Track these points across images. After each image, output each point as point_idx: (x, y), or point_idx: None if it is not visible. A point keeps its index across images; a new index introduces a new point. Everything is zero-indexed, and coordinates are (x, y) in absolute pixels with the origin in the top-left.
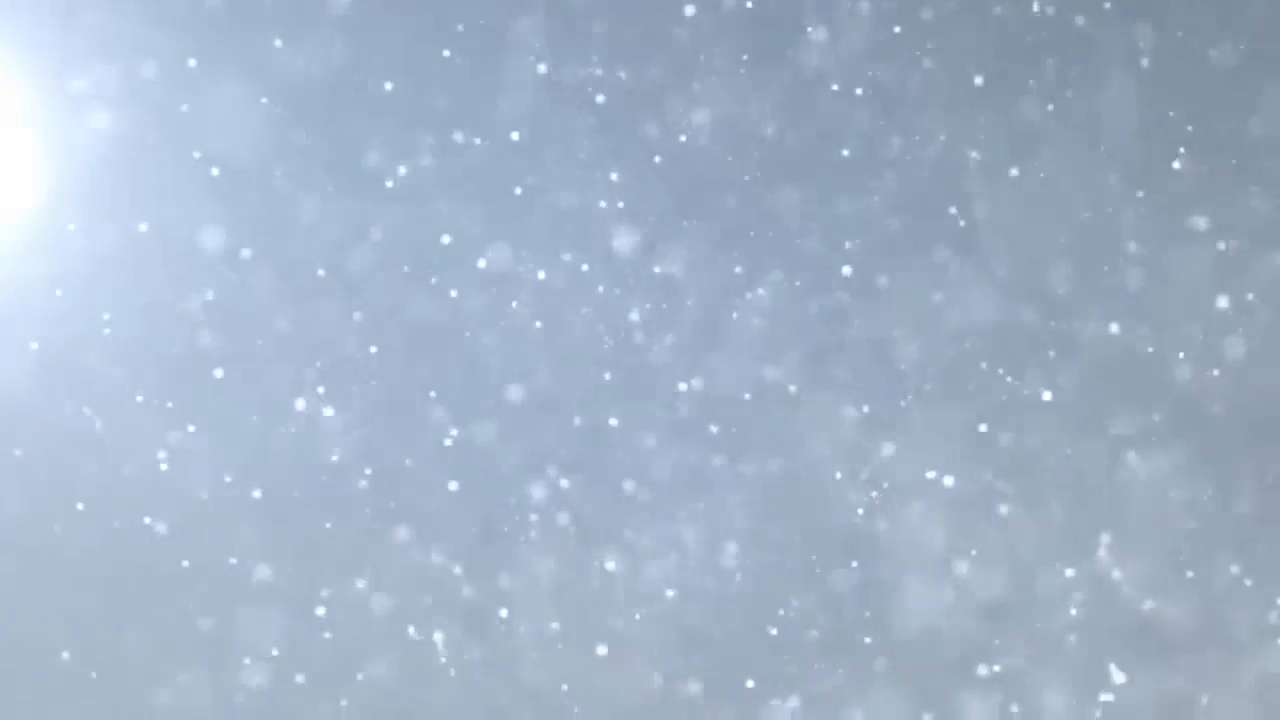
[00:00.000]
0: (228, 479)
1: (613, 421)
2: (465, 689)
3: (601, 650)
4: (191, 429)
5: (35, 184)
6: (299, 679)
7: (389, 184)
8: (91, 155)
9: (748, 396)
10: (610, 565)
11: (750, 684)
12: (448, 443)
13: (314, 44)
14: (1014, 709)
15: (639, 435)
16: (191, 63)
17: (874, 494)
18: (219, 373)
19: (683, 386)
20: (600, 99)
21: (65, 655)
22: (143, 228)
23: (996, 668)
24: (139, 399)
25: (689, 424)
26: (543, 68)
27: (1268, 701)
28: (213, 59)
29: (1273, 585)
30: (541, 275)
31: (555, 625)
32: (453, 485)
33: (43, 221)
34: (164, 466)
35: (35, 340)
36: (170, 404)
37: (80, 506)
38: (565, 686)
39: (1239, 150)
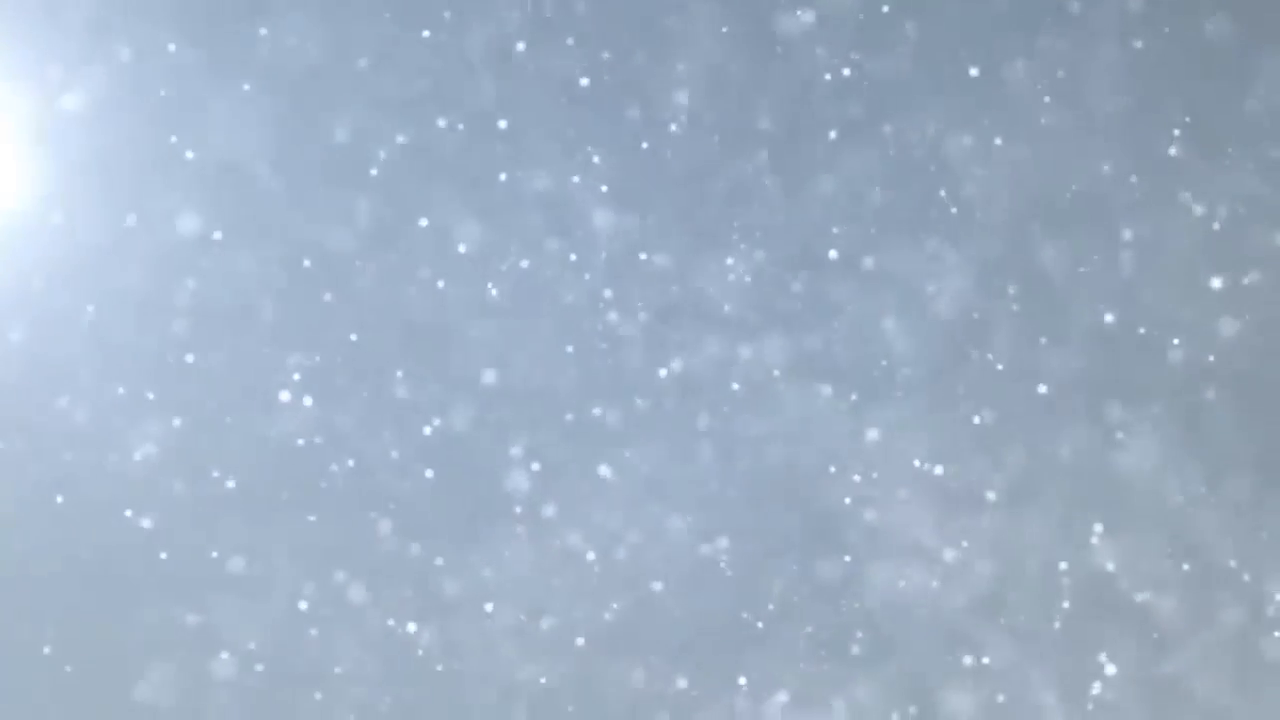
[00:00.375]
0: (209, 471)
1: (596, 411)
2: (445, 683)
3: (580, 642)
4: (174, 422)
5: (19, 176)
6: (278, 673)
7: (373, 171)
8: (76, 146)
9: (736, 386)
10: (591, 556)
11: (736, 677)
12: (427, 431)
13: (296, 30)
14: (1000, 699)
15: (624, 424)
16: (171, 48)
17: (861, 483)
18: (202, 365)
19: (663, 372)
20: (584, 81)
21: (47, 650)
22: (130, 221)
23: (985, 659)
24: (120, 391)
25: (673, 411)
26: (521, 46)
27: (1263, 696)
28: (194, 46)
29: (1270, 579)
30: (525, 264)
31: (536, 618)
32: (435, 476)
33: (25, 213)
34: (146, 459)
35: (16, 332)
36: (152, 396)
37: (60, 499)
38: (544, 679)
39: (1234, 130)
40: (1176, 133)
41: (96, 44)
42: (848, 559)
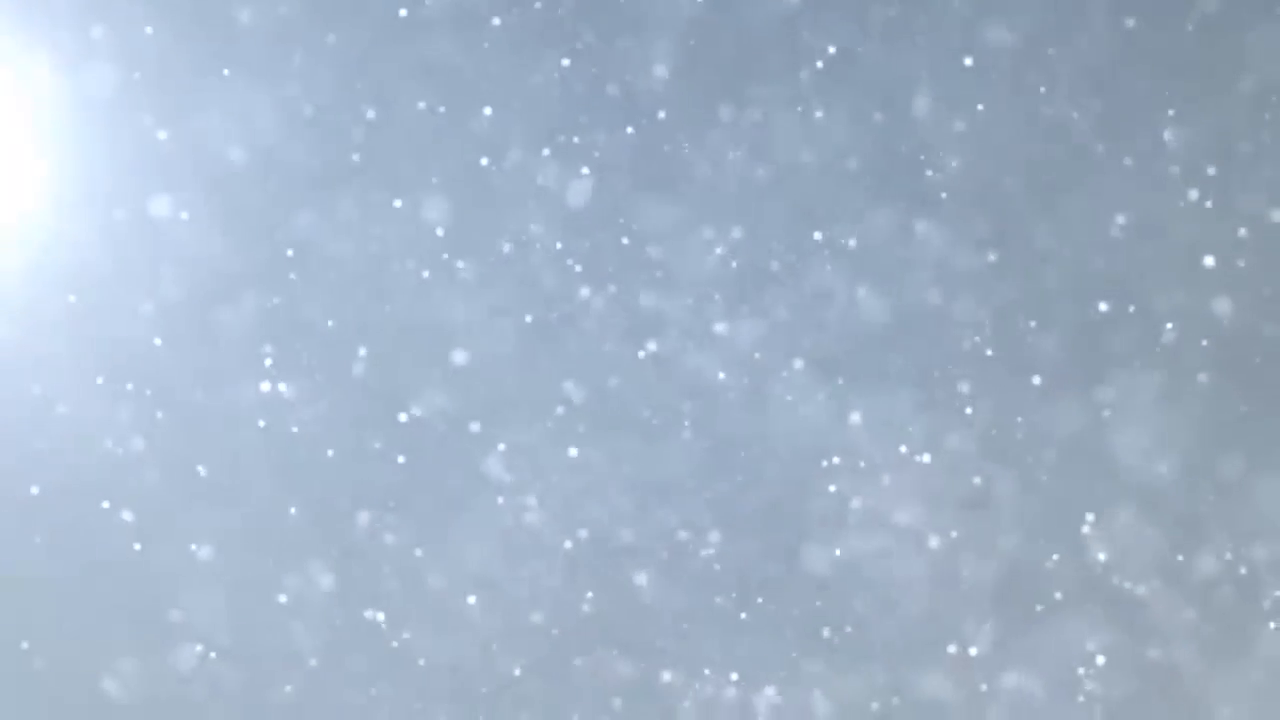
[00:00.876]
0: (186, 463)
1: (575, 397)
2: (421, 676)
3: (556, 633)
4: (156, 414)
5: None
6: (257, 666)
7: (355, 157)
8: (55, 134)
9: (719, 371)
10: (568, 545)
11: (720, 669)
12: (403, 418)
13: (276, 15)
14: (984, 688)
15: (604, 409)
16: (149, 30)
17: (848, 469)
18: (182, 357)
19: (641, 354)
20: (565, 62)
21: (25, 645)
22: (107, 207)
23: (972, 649)
24: (99, 381)
25: (656, 399)
26: (497, 20)
27: (1256, 686)
28: (173, 30)
29: (1266, 570)
30: (506, 248)
31: (512, 608)
32: (420, 468)
33: (7, 204)
34: (123, 451)
35: None
36: (130, 386)
37: (35, 491)
38: (518, 671)
39: (1228, 110)
40: (1170, 113)
41: (75, 28)
42: (835, 549)
